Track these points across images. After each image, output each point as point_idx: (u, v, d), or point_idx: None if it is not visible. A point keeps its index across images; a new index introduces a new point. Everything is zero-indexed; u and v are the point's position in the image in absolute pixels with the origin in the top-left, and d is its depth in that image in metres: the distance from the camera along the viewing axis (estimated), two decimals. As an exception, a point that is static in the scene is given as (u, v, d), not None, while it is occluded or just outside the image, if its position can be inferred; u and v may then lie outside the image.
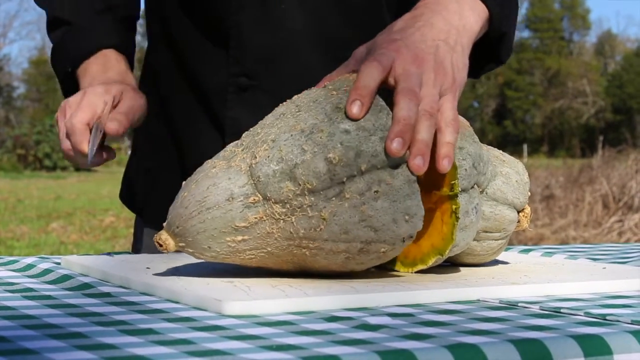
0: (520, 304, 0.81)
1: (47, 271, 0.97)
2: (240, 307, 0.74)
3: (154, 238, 0.89)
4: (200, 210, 0.86)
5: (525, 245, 1.38)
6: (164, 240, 0.88)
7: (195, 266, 0.97)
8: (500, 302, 0.82)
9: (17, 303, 0.78)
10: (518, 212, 1.03)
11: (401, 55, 0.92)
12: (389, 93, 0.90)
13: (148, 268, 0.95)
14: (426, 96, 0.90)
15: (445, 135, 0.89)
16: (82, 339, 0.62)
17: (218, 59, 1.23)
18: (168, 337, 0.64)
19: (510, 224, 1.02)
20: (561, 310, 0.77)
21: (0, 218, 9.63)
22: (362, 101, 0.85)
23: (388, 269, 0.97)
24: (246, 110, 1.21)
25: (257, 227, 0.85)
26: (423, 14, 0.99)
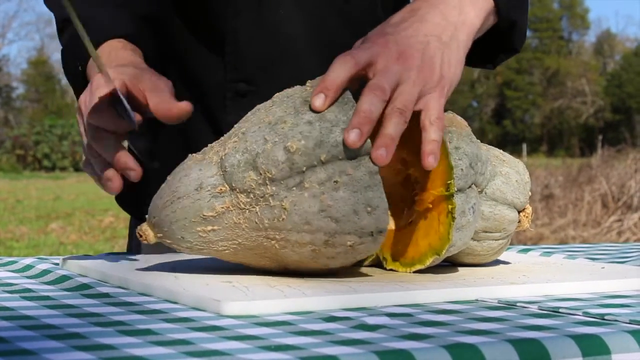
0: (518, 304, 0.81)
1: (46, 272, 0.97)
2: (238, 308, 0.74)
3: (136, 230, 0.91)
4: (172, 200, 0.89)
5: (524, 244, 1.38)
6: (144, 231, 0.91)
7: (193, 266, 0.97)
8: (498, 302, 0.82)
9: (16, 304, 0.78)
10: (519, 212, 1.03)
11: (386, 50, 0.92)
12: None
13: (146, 269, 0.95)
14: (401, 94, 0.90)
15: (429, 133, 0.90)
16: (81, 340, 0.62)
17: (215, 65, 1.23)
18: (166, 338, 0.64)
19: (510, 224, 1.02)
20: (560, 310, 0.77)
21: (-1, 218, 9.63)
22: (326, 94, 0.87)
23: (386, 269, 0.97)
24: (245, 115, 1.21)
25: (225, 217, 0.87)
26: (420, 8, 0.99)
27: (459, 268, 1.01)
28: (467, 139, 0.95)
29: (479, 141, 1.02)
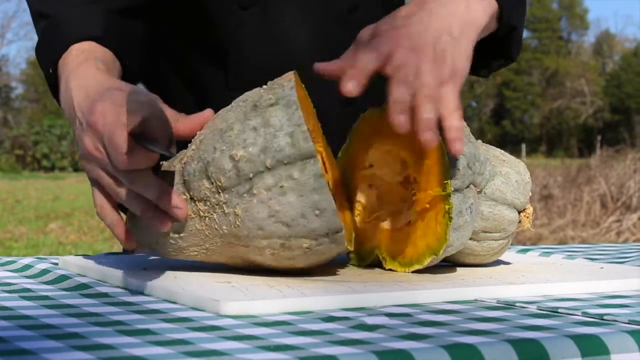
0: (517, 304, 0.81)
1: (45, 271, 0.97)
2: (237, 308, 0.74)
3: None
4: None
5: (523, 245, 1.38)
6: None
7: (192, 266, 0.97)
8: (497, 302, 0.82)
9: (15, 303, 0.78)
10: (519, 212, 1.03)
11: (400, 45, 0.93)
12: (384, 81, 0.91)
13: (145, 269, 0.95)
14: (424, 85, 0.91)
15: (450, 120, 0.91)
16: (80, 340, 0.62)
17: (218, 73, 1.23)
18: (165, 338, 0.64)
19: (510, 224, 1.02)
20: (559, 310, 0.77)
21: (-2, 219, 9.63)
22: (359, 80, 0.89)
23: (385, 269, 0.97)
24: None
25: (189, 225, 0.89)
26: (427, 2, 0.99)
27: (458, 268, 1.01)
28: (465, 139, 0.94)
29: (479, 141, 1.02)
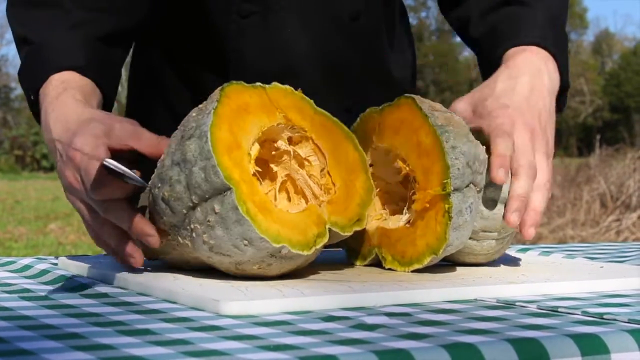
0: (517, 303, 0.81)
1: (44, 272, 0.97)
2: (237, 307, 0.74)
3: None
4: None
5: (522, 244, 1.38)
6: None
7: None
8: (497, 302, 0.82)
9: (14, 304, 0.78)
10: (519, 212, 1.03)
11: (518, 127, 1.01)
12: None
13: (145, 269, 0.95)
14: (540, 169, 1.00)
15: (533, 200, 0.98)
16: (79, 340, 0.62)
17: (220, 82, 1.22)
18: (165, 338, 0.64)
19: (509, 224, 1.02)
20: (558, 309, 0.77)
21: (-2, 219, 9.62)
22: (505, 167, 0.96)
23: (385, 269, 0.97)
24: None
25: (167, 246, 0.91)
26: (519, 76, 1.07)
27: (458, 267, 1.01)
28: (465, 139, 0.94)
29: (478, 141, 1.02)
